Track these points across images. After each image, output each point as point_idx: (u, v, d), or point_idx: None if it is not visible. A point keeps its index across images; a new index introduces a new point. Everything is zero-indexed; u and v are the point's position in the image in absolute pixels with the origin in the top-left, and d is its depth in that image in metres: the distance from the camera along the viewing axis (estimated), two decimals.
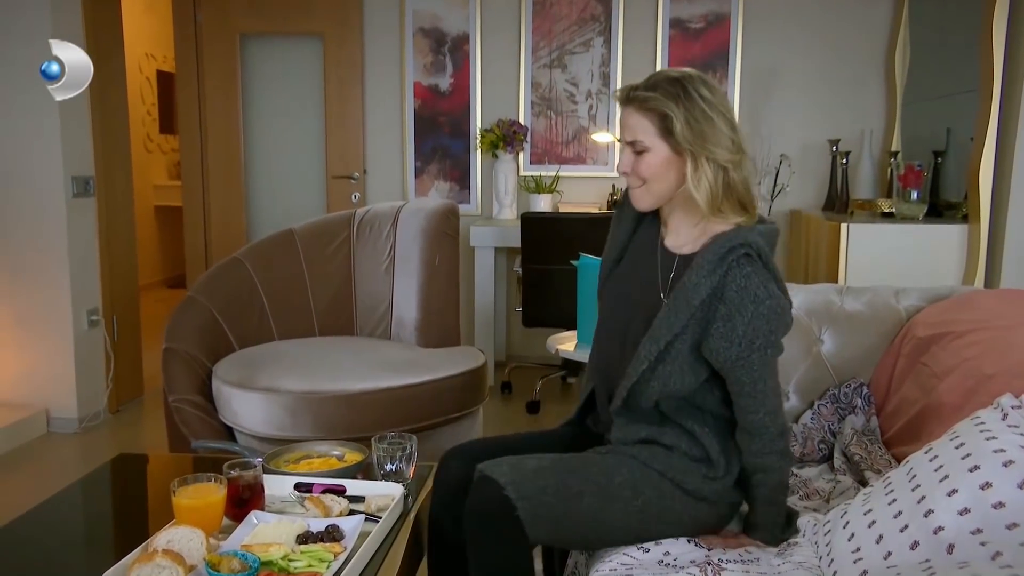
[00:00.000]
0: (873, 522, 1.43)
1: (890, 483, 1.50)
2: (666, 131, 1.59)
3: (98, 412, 3.92)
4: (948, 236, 3.42)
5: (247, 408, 2.61)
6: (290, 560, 1.48)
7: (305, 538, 1.57)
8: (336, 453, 1.98)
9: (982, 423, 1.45)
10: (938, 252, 3.44)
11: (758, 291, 1.55)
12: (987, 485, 1.29)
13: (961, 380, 1.78)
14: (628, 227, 1.82)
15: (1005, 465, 1.30)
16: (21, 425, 3.66)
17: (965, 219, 3.44)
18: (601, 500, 1.61)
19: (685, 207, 1.67)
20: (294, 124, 4.96)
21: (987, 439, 1.38)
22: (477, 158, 4.79)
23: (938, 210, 3.68)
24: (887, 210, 3.76)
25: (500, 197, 4.63)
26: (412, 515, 1.78)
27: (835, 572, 1.43)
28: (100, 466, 2.05)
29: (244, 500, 1.67)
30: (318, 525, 1.61)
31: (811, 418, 2.17)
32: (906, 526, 1.35)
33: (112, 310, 4.06)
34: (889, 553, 1.35)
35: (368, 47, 4.79)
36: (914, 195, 3.63)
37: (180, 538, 1.50)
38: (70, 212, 3.72)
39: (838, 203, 4.12)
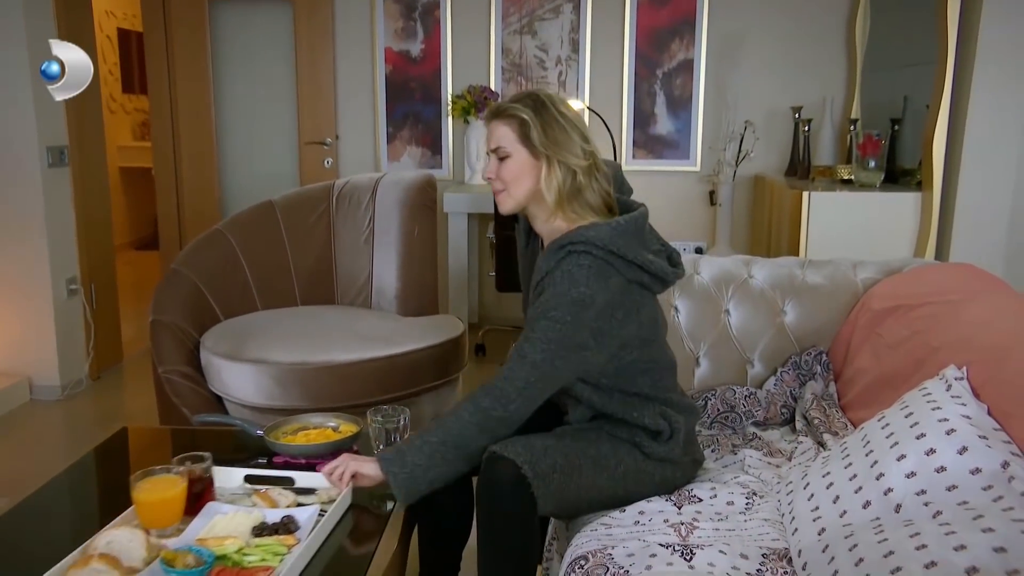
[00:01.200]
0: (831, 484, 1.59)
1: (847, 448, 1.66)
2: (524, 136, 1.78)
3: (80, 380, 3.99)
4: (903, 203, 3.58)
5: (237, 379, 2.71)
6: (244, 554, 1.48)
7: (261, 530, 1.57)
8: (331, 424, 2.08)
9: (929, 394, 1.61)
10: (894, 219, 3.60)
11: (578, 277, 1.69)
12: (931, 451, 1.45)
13: (911, 351, 1.93)
14: (522, 245, 2.02)
15: (948, 433, 1.46)
16: (4, 393, 3.72)
17: (919, 186, 3.60)
18: (594, 471, 1.76)
19: (540, 206, 1.82)
20: (265, 89, 4.97)
21: (933, 409, 1.53)
22: (449, 124, 4.86)
23: (894, 176, 3.83)
24: (846, 177, 3.91)
25: (472, 163, 4.71)
26: None
27: (796, 529, 1.58)
28: (108, 438, 2.13)
29: (196, 494, 1.66)
30: (274, 516, 1.62)
31: (774, 384, 2.32)
32: (860, 488, 1.51)
33: (90, 278, 4.10)
34: (844, 512, 1.50)
35: (338, 12, 4.80)
36: (871, 163, 3.77)
37: (120, 539, 1.47)
38: (46, 182, 3.75)
39: (800, 169, 4.26)
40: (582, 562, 1.60)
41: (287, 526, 1.59)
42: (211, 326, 3.01)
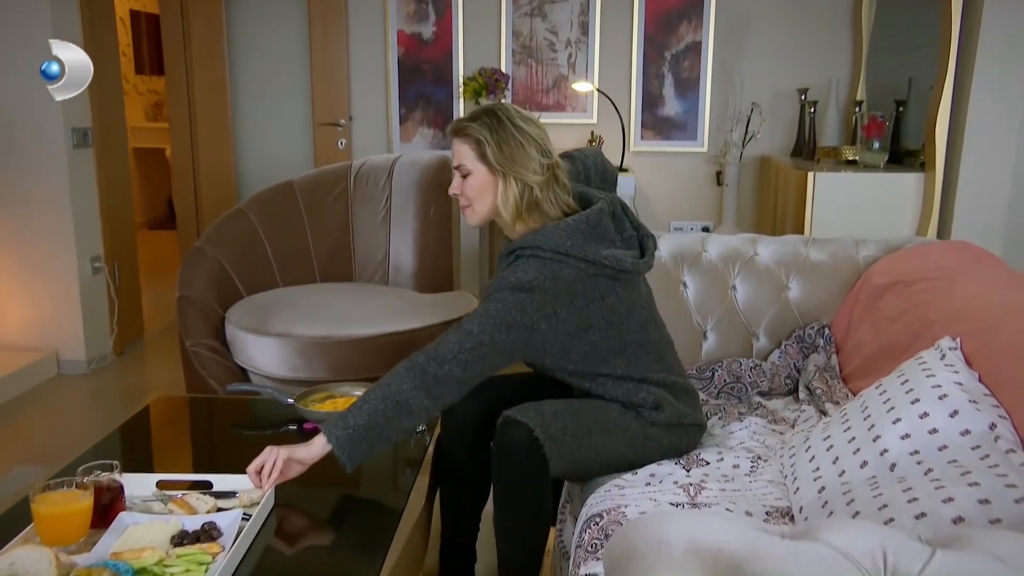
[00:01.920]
0: (831, 447, 1.70)
1: (846, 414, 1.77)
2: (482, 155, 1.85)
3: (105, 355, 4.11)
4: (906, 184, 3.66)
5: (262, 352, 2.82)
6: (166, 566, 1.39)
7: (180, 539, 1.48)
8: (357, 393, 2.19)
9: (924, 363, 1.71)
10: (897, 199, 3.69)
11: (528, 267, 1.80)
12: (925, 415, 1.55)
13: (909, 324, 2.04)
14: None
15: (940, 398, 1.56)
16: (33, 368, 3.84)
17: (923, 167, 3.68)
18: (604, 436, 1.87)
19: (502, 219, 1.91)
20: (280, 70, 5.05)
21: (927, 376, 1.64)
22: (460, 105, 4.94)
23: (898, 157, 3.91)
24: (851, 158, 3.99)
25: None
26: (431, 448, 2.01)
27: (798, 488, 1.69)
28: (143, 407, 2.24)
29: (104, 505, 1.55)
30: (193, 524, 1.51)
31: (778, 356, 2.42)
32: (858, 449, 1.62)
33: (113, 256, 4.21)
34: (843, 471, 1.61)
35: None
36: (876, 144, 3.86)
37: (24, 559, 1.36)
38: (71, 163, 3.85)
39: (805, 150, 4.34)
40: (597, 519, 1.71)
41: (209, 533, 1.50)
42: (234, 302, 3.12)
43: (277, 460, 1.68)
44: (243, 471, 1.70)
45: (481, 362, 1.77)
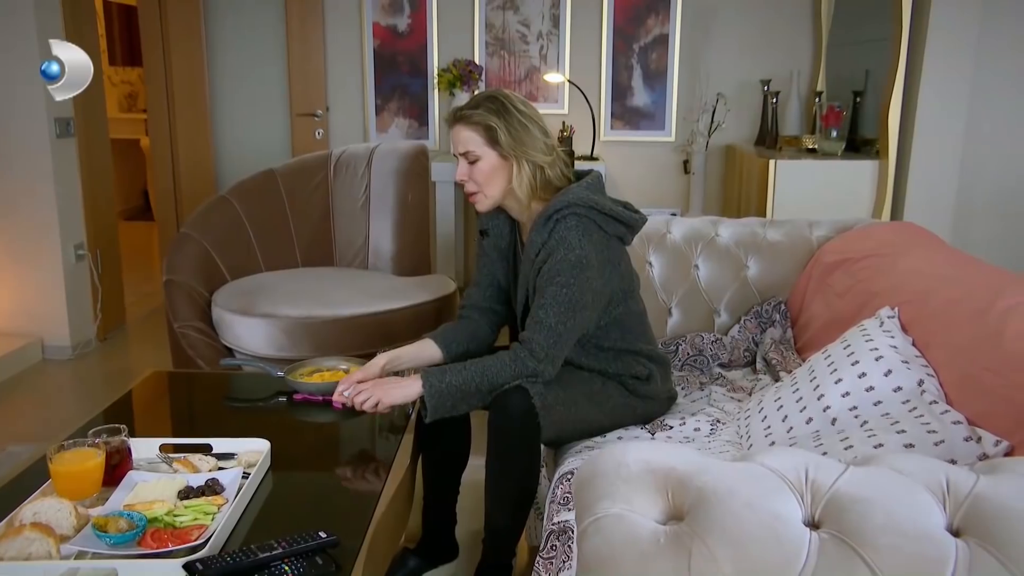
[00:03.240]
0: (781, 407, 1.86)
1: (795, 379, 1.93)
2: (492, 140, 1.96)
3: (89, 340, 4.21)
4: (862, 171, 3.85)
5: (248, 332, 2.94)
6: (175, 515, 1.51)
7: (186, 493, 1.59)
8: (343, 367, 2.33)
9: (865, 330, 1.88)
10: (853, 185, 3.88)
11: (571, 240, 1.92)
12: (863, 375, 1.72)
13: (855, 298, 2.21)
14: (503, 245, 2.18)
15: (877, 360, 1.73)
16: (19, 353, 3.93)
17: (878, 155, 3.87)
18: (589, 404, 2.01)
19: (514, 199, 2.03)
20: (258, 61, 5.15)
21: (866, 341, 1.81)
22: (435, 96, 5.07)
23: (856, 146, 4.10)
24: (811, 146, 4.17)
25: None
26: (414, 415, 2.15)
27: (751, 445, 1.86)
28: (141, 381, 2.36)
29: (113, 466, 1.67)
30: (197, 480, 1.63)
31: (738, 331, 2.59)
32: (804, 408, 1.78)
33: (95, 244, 4.30)
34: (791, 428, 1.78)
35: None
36: (834, 133, 4.04)
37: (47, 509, 1.47)
38: (54, 152, 3.93)
39: (768, 139, 4.52)
40: (568, 476, 1.86)
41: (212, 488, 1.61)
42: (219, 285, 3.23)
43: (379, 405, 1.91)
44: (239, 437, 1.85)
45: (564, 351, 1.94)
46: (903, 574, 0.86)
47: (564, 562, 1.56)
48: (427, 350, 2.13)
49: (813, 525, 0.93)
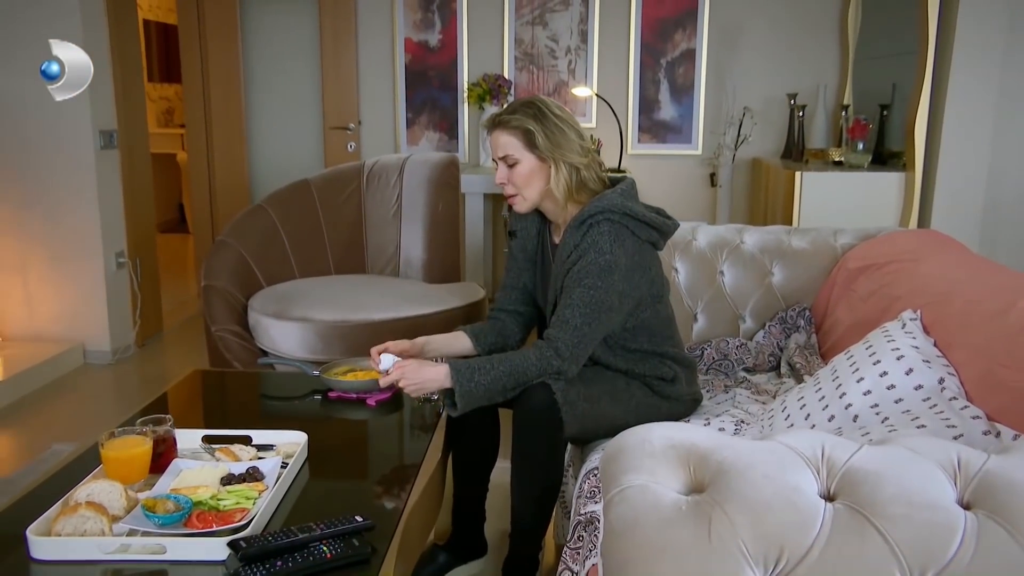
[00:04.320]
0: (803, 405, 1.91)
1: (818, 379, 1.97)
2: (530, 144, 2.03)
3: (128, 346, 4.32)
4: (888, 183, 3.88)
5: (283, 335, 3.03)
6: (219, 499, 1.59)
7: (228, 480, 1.67)
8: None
9: (887, 332, 1.92)
10: (879, 197, 3.90)
11: (603, 244, 1.98)
12: (884, 373, 1.76)
13: (878, 301, 2.25)
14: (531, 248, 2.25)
15: (898, 359, 1.77)
16: (61, 358, 4.05)
17: (905, 167, 3.89)
18: (612, 402, 2.07)
19: (552, 201, 2.10)
20: (293, 76, 5.28)
21: (888, 341, 1.85)
22: (465, 110, 5.16)
23: (883, 159, 4.12)
24: (837, 159, 4.20)
25: (487, 147, 5.01)
26: (444, 414, 2.21)
27: None
28: (183, 378, 2.45)
29: (159, 454, 1.75)
30: (239, 468, 1.71)
31: (763, 336, 2.63)
32: (827, 406, 1.83)
33: (135, 253, 4.42)
34: (813, 426, 1.82)
35: (361, 4, 5.11)
36: (860, 146, 4.07)
37: (100, 491, 1.55)
38: (98, 163, 4.07)
39: (795, 152, 4.56)
40: (595, 471, 1.91)
41: (253, 475, 1.70)
42: (255, 291, 3.33)
43: (405, 388, 1.98)
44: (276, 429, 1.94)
45: (587, 350, 2.00)
46: (913, 541, 0.90)
47: (591, 551, 1.61)
48: (459, 341, 2.22)
49: (828, 498, 0.98)
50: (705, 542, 0.93)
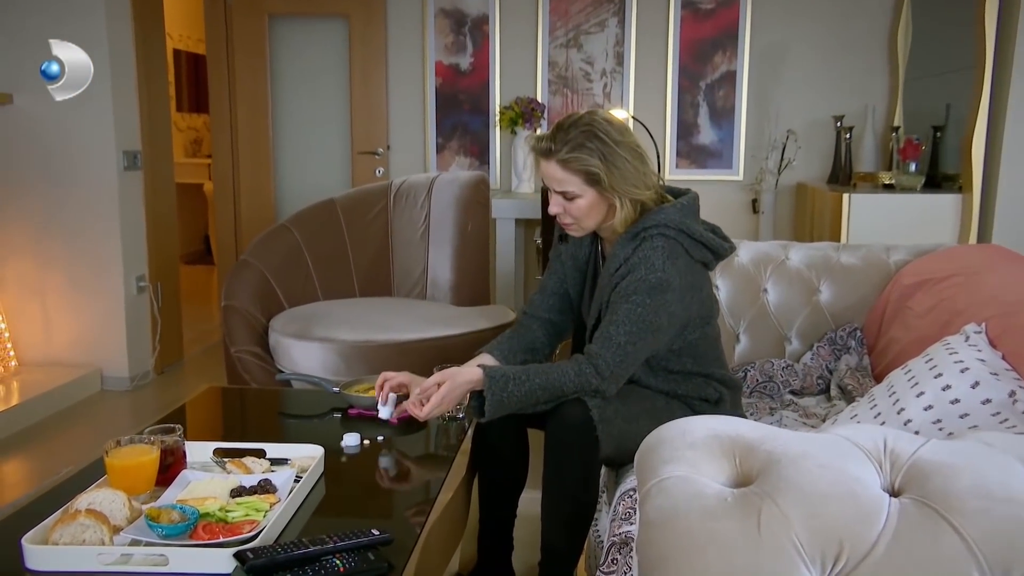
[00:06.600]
0: (858, 424, 1.71)
1: (873, 396, 1.78)
2: (593, 181, 1.88)
3: (147, 372, 4.22)
4: (943, 205, 3.66)
5: (305, 355, 2.89)
6: (227, 511, 1.50)
7: (239, 492, 1.58)
8: None
9: (950, 345, 1.73)
10: (934, 220, 3.68)
11: (655, 261, 1.84)
12: (947, 387, 1.58)
13: (938, 317, 2.05)
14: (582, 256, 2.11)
15: (962, 372, 1.58)
16: (78, 383, 3.95)
17: (960, 190, 3.68)
18: (651, 422, 1.88)
19: (609, 227, 1.96)
20: (320, 102, 5.21)
21: (950, 354, 1.66)
22: (496, 134, 5.05)
23: (936, 182, 3.91)
24: (887, 182, 4.00)
25: (519, 172, 4.89)
26: (470, 431, 2.05)
27: None
28: (199, 394, 2.33)
29: (167, 465, 1.67)
30: (250, 480, 1.63)
31: (811, 358, 2.44)
32: (883, 423, 1.63)
33: (156, 278, 4.33)
34: None
35: (391, 27, 5.04)
36: (912, 167, 3.87)
37: (102, 500, 1.49)
38: (121, 184, 4.00)
39: (841, 176, 4.36)
40: (631, 492, 1.73)
41: (265, 488, 1.60)
42: (276, 312, 3.21)
43: (437, 406, 1.88)
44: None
45: (629, 370, 1.88)
46: (993, 537, 0.78)
47: (626, 574, 1.43)
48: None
49: (893, 493, 0.85)
50: (754, 536, 0.82)
